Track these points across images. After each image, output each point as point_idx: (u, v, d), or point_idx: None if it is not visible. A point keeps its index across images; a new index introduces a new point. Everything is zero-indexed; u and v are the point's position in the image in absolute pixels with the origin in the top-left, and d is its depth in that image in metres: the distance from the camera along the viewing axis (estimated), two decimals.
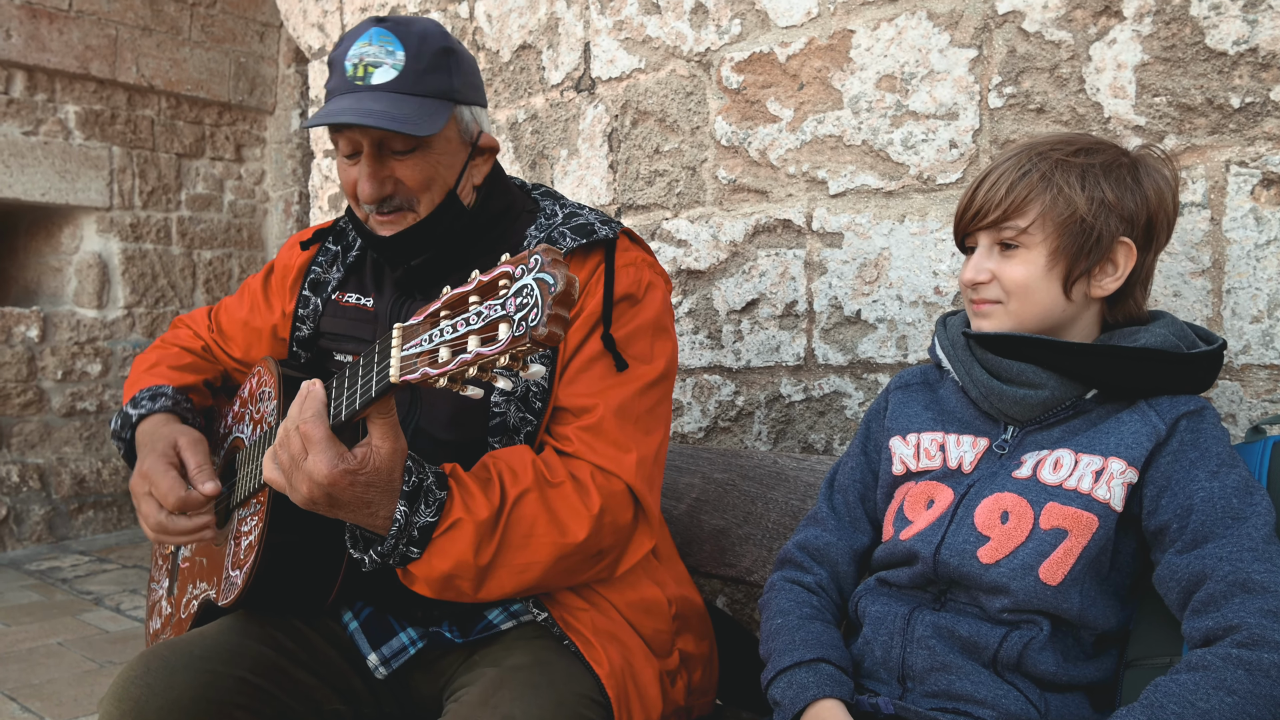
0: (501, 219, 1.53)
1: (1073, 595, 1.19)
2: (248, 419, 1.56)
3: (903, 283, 1.93)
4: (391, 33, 1.40)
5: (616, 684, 1.34)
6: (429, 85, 1.40)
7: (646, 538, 1.42)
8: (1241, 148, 1.55)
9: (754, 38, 2.13)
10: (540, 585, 1.33)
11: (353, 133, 1.40)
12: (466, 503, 1.26)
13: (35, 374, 5.11)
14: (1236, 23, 1.53)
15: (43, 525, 5.10)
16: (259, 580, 1.38)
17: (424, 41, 1.41)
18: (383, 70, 1.38)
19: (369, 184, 1.41)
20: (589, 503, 1.32)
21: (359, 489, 1.18)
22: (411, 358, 1.04)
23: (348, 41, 1.42)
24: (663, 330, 1.50)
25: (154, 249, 5.53)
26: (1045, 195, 1.25)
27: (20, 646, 3.44)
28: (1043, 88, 1.73)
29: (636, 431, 1.40)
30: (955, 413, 1.37)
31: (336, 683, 1.46)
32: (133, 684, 1.32)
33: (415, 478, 1.23)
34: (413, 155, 1.41)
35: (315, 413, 1.18)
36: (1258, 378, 1.54)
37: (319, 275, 1.63)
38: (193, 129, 5.68)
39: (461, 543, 1.25)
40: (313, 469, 1.17)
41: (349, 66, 1.40)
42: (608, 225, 1.49)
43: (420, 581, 1.28)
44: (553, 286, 0.92)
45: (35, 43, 4.97)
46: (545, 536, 1.29)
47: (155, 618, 1.76)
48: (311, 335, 1.60)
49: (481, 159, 1.51)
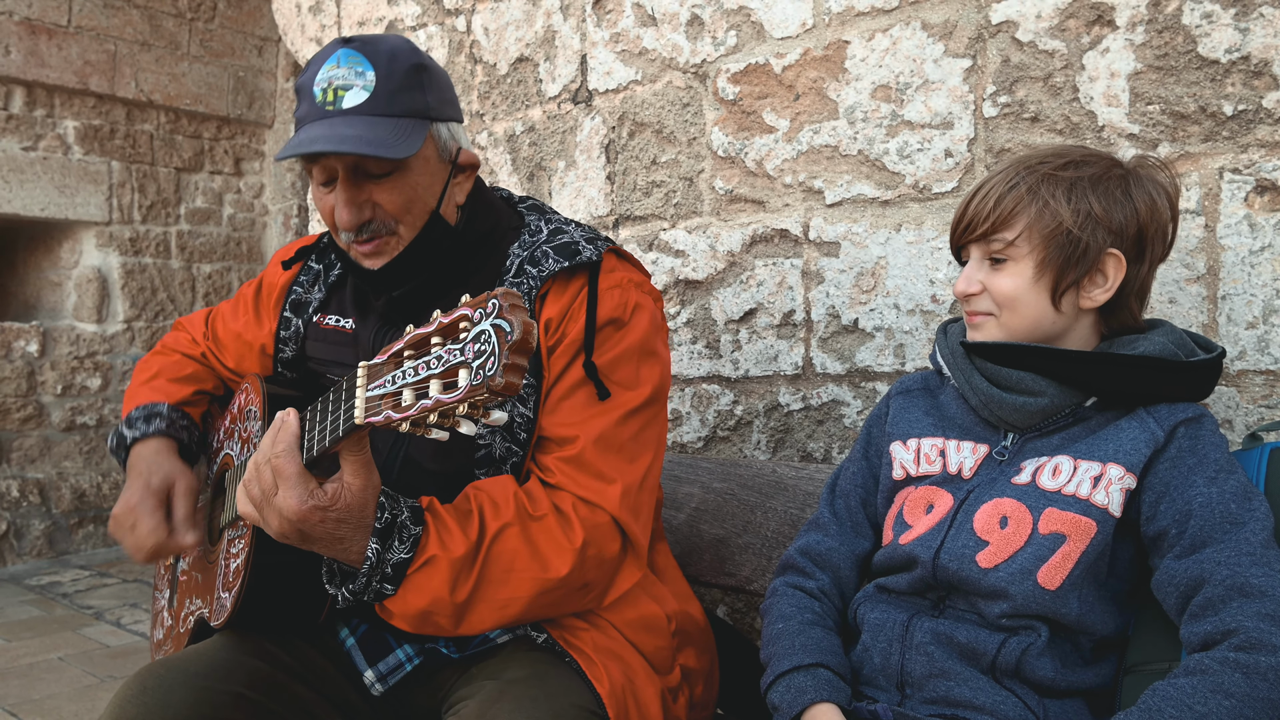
0: (488, 238, 1.49)
1: (1071, 600, 1.19)
2: (236, 436, 1.56)
3: (900, 291, 1.94)
4: (359, 53, 1.35)
5: (617, 702, 1.32)
6: (402, 105, 1.35)
7: (634, 569, 1.40)
8: (1235, 155, 1.55)
9: (750, 49, 2.14)
10: (522, 619, 1.32)
11: (327, 160, 1.35)
12: (442, 539, 1.24)
13: (35, 389, 5.11)
14: (1228, 31, 1.55)
15: (43, 540, 5.09)
16: (247, 603, 1.38)
17: (394, 59, 1.36)
18: (353, 93, 1.33)
19: (346, 211, 1.36)
20: (572, 536, 1.30)
21: (330, 525, 1.18)
22: (376, 399, 1.03)
23: (315, 66, 1.37)
24: (650, 354, 1.45)
25: (153, 263, 5.53)
26: (1031, 208, 1.26)
27: (21, 662, 3.43)
28: (1037, 97, 1.75)
29: (620, 460, 1.37)
30: (956, 419, 1.37)
31: (334, 697, 1.45)
32: (129, 703, 1.31)
33: (388, 514, 1.21)
34: (390, 178, 1.36)
35: (287, 447, 1.17)
36: (1253, 383, 1.55)
37: (300, 296, 1.60)
38: (192, 143, 5.70)
39: (437, 579, 1.23)
40: (283, 505, 1.16)
41: (318, 92, 1.34)
42: (593, 245, 1.44)
43: (397, 618, 1.27)
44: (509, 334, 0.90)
45: (34, 58, 4.98)
46: (526, 572, 1.28)
47: (158, 628, 1.76)
48: (296, 357, 1.58)
49: (463, 176, 1.46)
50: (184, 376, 1.69)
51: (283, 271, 1.64)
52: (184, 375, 1.70)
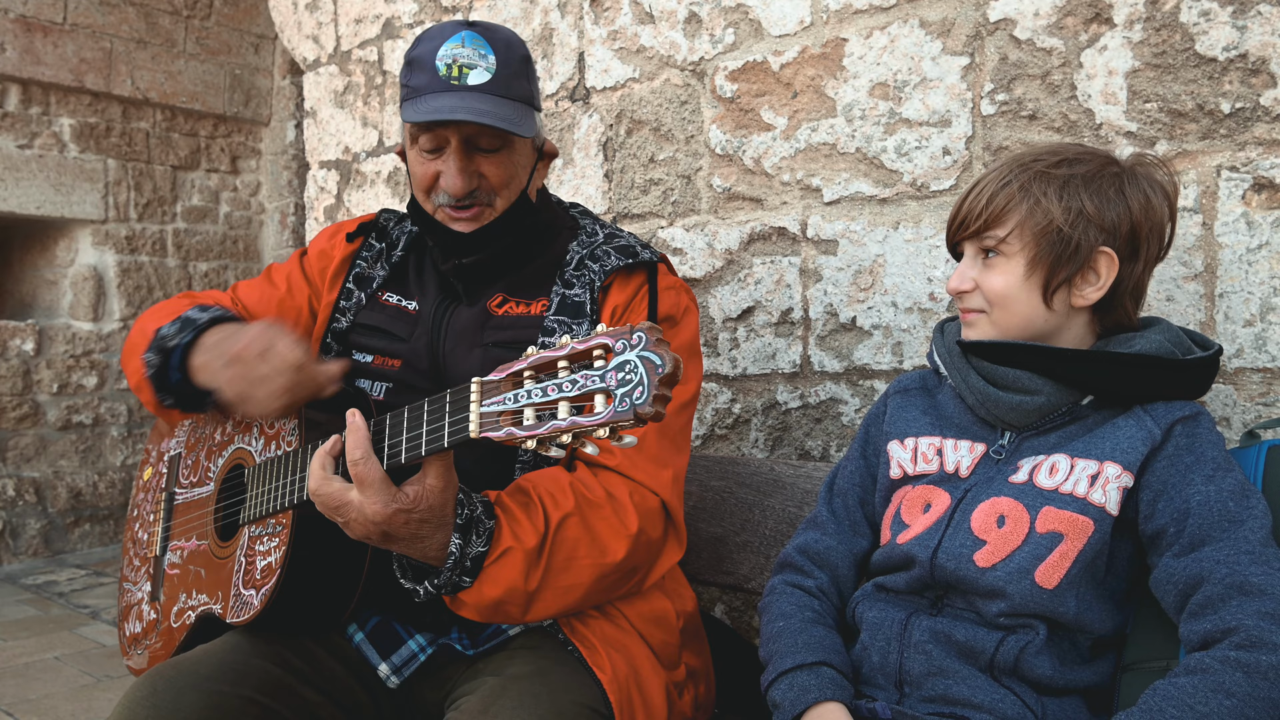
0: (549, 230, 1.59)
1: (1069, 599, 1.19)
2: (257, 432, 1.54)
3: (897, 289, 1.94)
4: (482, 37, 1.46)
5: (620, 691, 1.34)
6: (516, 90, 1.47)
7: (675, 551, 1.46)
8: (1232, 153, 1.55)
9: (747, 47, 2.14)
10: (581, 604, 1.36)
11: (444, 129, 1.44)
12: (515, 531, 1.29)
13: (31, 387, 5.10)
14: (1226, 29, 1.54)
15: (39, 539, 5.08)
16: (278, 602, 1.38)
17: (510, 48, 1.48)
18: (478, 72, 1.44)
19: (459, 178, 1.45)
20: (627, 522, 1.35)
21: (413, 525, 1.21)
22: (493, 415, 1.06)
23: (434, 41, 1.46)
24: (695, 353, 1.56)
25: (150, 261, 5.52)
26: (1023, 205, 1.26)
27: (17, 661, 3.42)
28: (1035, 94, 1.74)
29: (671, 449, 1.45)
30: (953, 418, 1.37)
31: (343, 699, 1.45)
32: (139, 705, 1.31)
33: (467, 510, 1.26)
34: (498, 154, 1.47)
35: (365, 454, 1.20)
36: (1251, 381, 1.55)
37: (364, 270, 1.65)
38: (188, 141, 5.68)
39: (512, 570, 1.28)
40: (366, 508, 1.19)
41: (442, 66, 1.44)
42: (648, 249, 1.56)
43: (469, 608, 1.30)
44: (660, 367, 0.95)
45: (30, 56, 4.97)
46: (587, 558, 1.33)
47: (133, 621, 1.72)
48: (348, 328, 1.61)
49: (543, 163, 1.59)
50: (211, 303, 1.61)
51: (345, 244, 1.67)
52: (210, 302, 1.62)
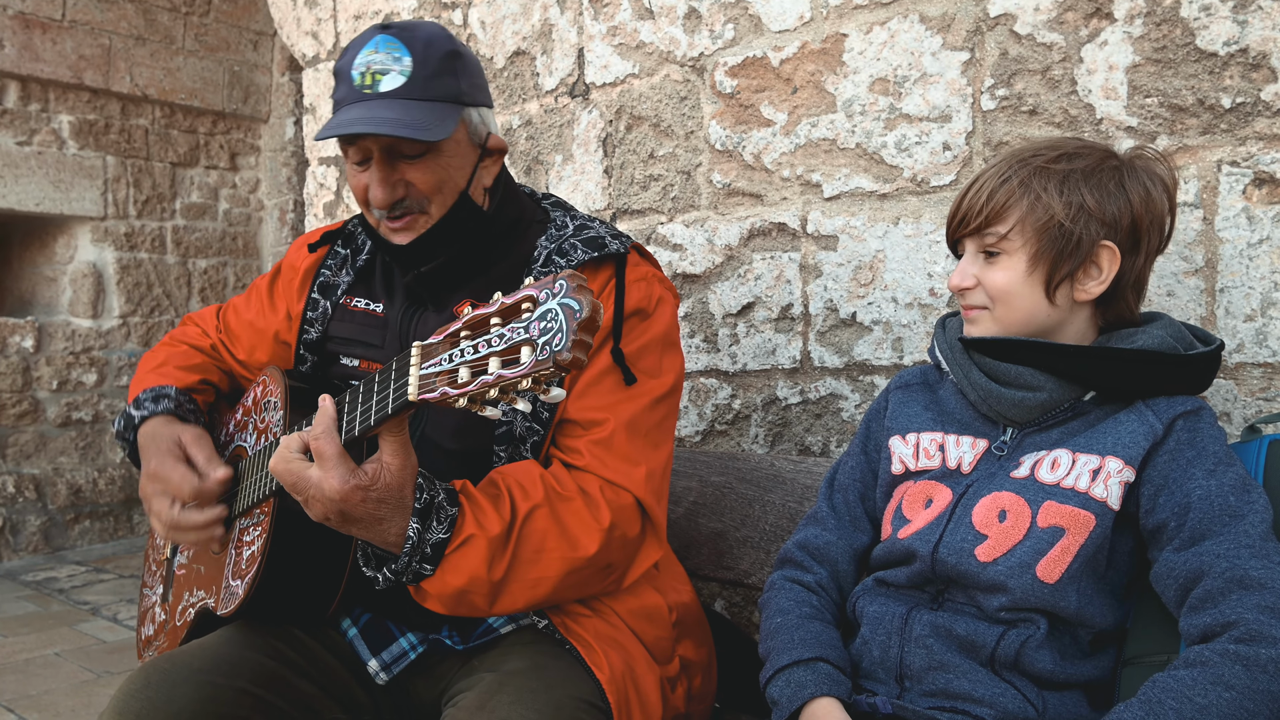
0: (514, 227, 1.55)
1: (1070, 593, 1.20)
2: (251, 428, 1.56)
3: (898, 285, 1.93)
4: (397, 39, 1.41)
5: (618, 689, 1.34)
6: (437, 89, 1.41)
7: (654, 549, 1.43)
8: (1233, 147, 1.55)
9: (747, 42, 2.13)
10: (551, 599, 1.34)
11: (364, 140, 1.41)
12: (479, 519, 1.27)
13: (30, 384, 5.09)
14: (1227, 23, 1.54)
15: (39, 536, 5.08)
16: (261, 590, 1.38)
17: (429, 46, 1.42)
18: (390, 77, 1.39)
19: (380, 189, 1.42)
20: (599, 517, 1.33)
21: (371, 505, 1.19)
22: (430, 376, 1.05)
23: (353, 50, 1.43)
24: (671, 345, 1.51)
25: (149, 258, 5.52)
26: (1023, 201, 1.26)
27: (17, 657, 3.42)
28: (1035, 90, 1.74)
29: (645, 445, 1.42)
30: (955, 413, 1.37)
31: (338, 692, 1.45)
32: (133, 698, 1.31)
33: (426, 495, 1.23)
34: (423, 159, 1.42)
35: (325, 429, 1.19)
36: (1251, 376, 1.55)
37: (328, 278, 1.63)
38: (187, 138, 5.68)
39: (475, 558, 1.25)
40: (325, 485, 1.18)
41: (356, 75, 1.40)
42: (619, 239, 1.50)
43: (433, 598, 1.28)
44: (578, 312, 0.94)
45: (28, 53, 4.96)
46: (556, 551, 1.30)
47: (148, 624, 1.75)
48: (319, 339, 1.61)
49: (490, 160, 1.53)
50: (191, 365, 1.71)
51: (308, 255, 1.67)
52: (191, 364, 1.71)
